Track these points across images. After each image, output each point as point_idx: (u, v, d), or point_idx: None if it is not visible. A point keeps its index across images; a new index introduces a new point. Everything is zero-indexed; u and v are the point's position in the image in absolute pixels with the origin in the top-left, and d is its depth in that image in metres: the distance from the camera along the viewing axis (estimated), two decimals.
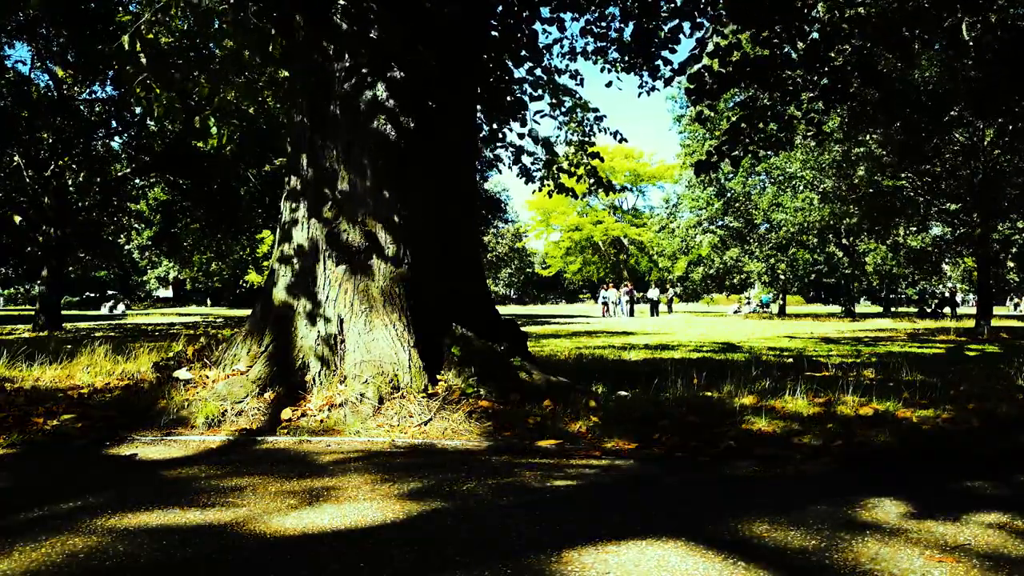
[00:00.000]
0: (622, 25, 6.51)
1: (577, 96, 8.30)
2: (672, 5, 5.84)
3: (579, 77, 8.13)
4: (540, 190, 8.16)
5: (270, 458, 3.39)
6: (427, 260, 4.71)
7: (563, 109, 8.27)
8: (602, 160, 7.92)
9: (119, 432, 3.88)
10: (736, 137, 6.20)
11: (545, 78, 7.70)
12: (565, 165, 8.03)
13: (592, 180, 7.64)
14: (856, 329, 18.15)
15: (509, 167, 7.94)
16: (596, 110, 8.42)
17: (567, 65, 7.92)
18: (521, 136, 7.63)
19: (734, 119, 6.30)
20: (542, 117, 7.86)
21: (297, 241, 4.70)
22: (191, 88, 5.52)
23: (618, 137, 8.43)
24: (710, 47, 5.95)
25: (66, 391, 4.84)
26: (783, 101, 5.96)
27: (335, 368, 4.35)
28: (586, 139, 7.93)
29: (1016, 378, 5.75)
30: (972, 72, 12.77)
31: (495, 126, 7.39)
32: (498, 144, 7.70)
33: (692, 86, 5.81)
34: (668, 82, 6.28)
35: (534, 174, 8.08)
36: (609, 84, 7.45)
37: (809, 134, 6.24)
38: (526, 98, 7.44)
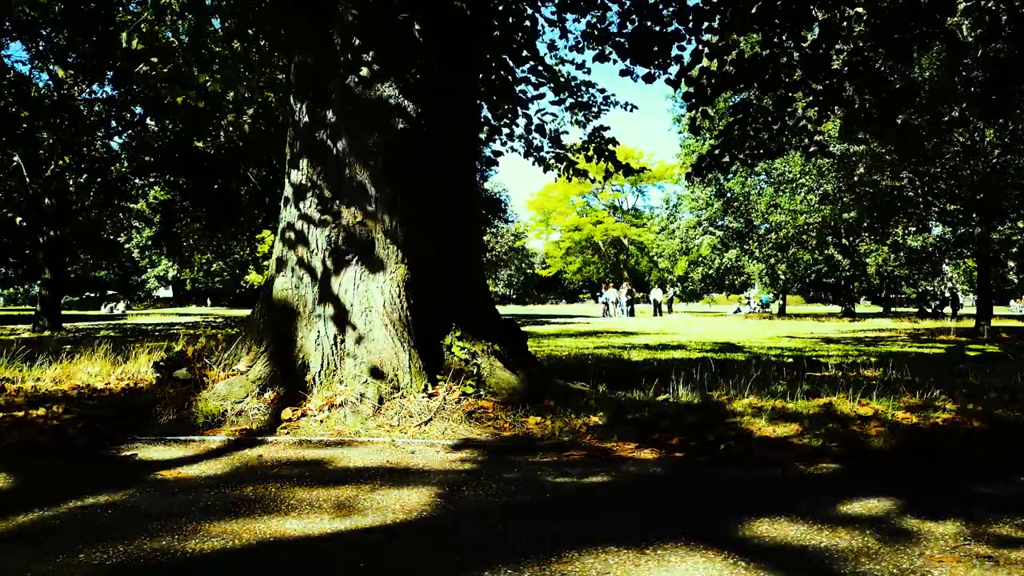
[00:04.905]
0: (621, 28, 6.48)
1: (579, 90, 8.30)
2: (671, 8, 5.82)
3: (584, 65, 8.15)
4: (559, 177, 8.23)
5: (269, 459, 3.39)
6: (427, 260, 4.71)
7: (567, 105, 8.32)
8: (617, 144, 7.89)
9: (119, 432, 3.88)
10: (729, 144, 6.18)
11: (548, 75, 7.72)
12: (581, 160, 8.04)
13: (609, 162, 7.62)
14: (856, 329, 18.16)
15: (524, 157, 8.03)
16: (603, 90, 8.41)
17: (573, 58, 7.95)
18: (528, 131, 7.66)
19: (726, 124, 6.27)
20: (545, 115, 7.86)
21: (297, 241, 4.70)
22: (202, 80, 5.52)
23: (629, 107, 8.47)
24: (708, 49, 5.93)
25: (66, 391, 4.83)
26: (779, 106, 5.93)
27: (335, 368, 4.35)
28: (599, 127, 7.88)
29: (1016, 378, 5.75)
30: (973, 73, 12.78)
31: (497, 123, 7.40)
32: (505, 138, 7.74)
33: (690, 90, 5.78)
34: (676, 85, 6.20)
35: (549, 162, 8.16)
36: (624, 73, 7.33)
37: (802, 144, 6.20)
38: (529, 94, 7.47)
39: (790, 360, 8.14)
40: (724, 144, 6.23)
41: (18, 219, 16.40)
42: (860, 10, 5.56)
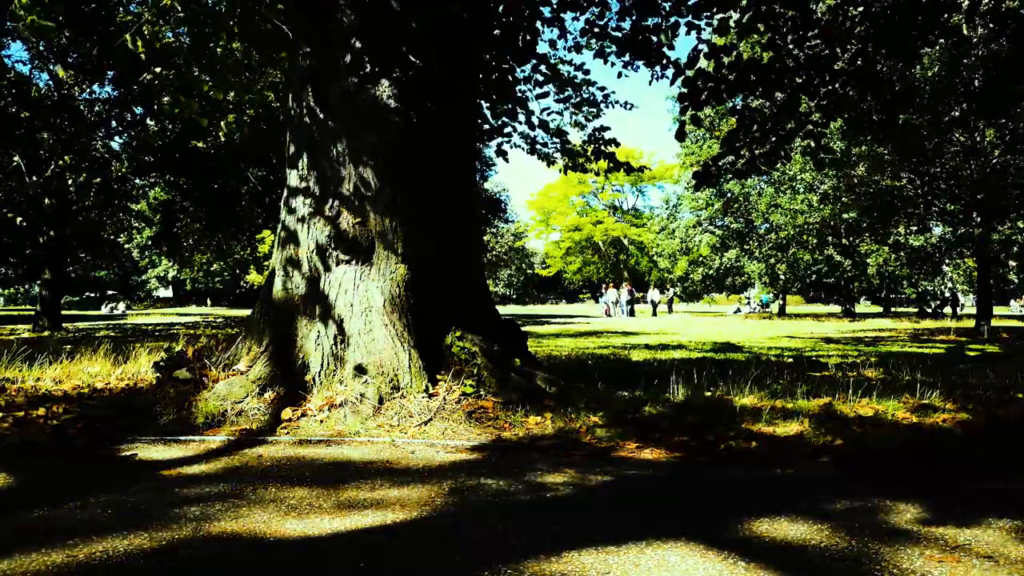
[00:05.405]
0: (620, 23, 6.48)
1: (581, 86, 8.36)
2: (670, 3, 5.79)
3: (584, 67, 8.23)
4: (562, 171, 8.33)
5: (269, 458, 3.39)
6: (427, 260, 4.71)
7: (571, 103, 8.39)
8: (618, 145, 7.95)
9: (119, 432, 3.88)
10: (734, 151, 6.13)
11: (550, 73, 7.75)
12: (581, 160, 8.11)
13: (609, 163, 7.67)
14: (856, 329, 18.15)
15: (528, 154, 8.12)
16: (603, 88, 8.52)
17: (572, 59, 8.00)
18: (532, 127, 7.70)
19: (729, 131, 6.23)
20: (550, 113, 7.90)
21: (297, 241, 4.70)
22: (205, 88, 5.54)
23: (628, 106, 8.61)
24: (707, 48, 5.91)
25: (66, 391, 4.84)
26: (783, 111, 5.88)
27: (335, 368, 4.35)
28: (599, 127, 7.94)
29: (1016, 378, 5.75)
30: (974, 74, 12.79)
31: (498, 122, 7.42)
32: (507, 136, 7.78)
33: (685, 92, 5.73)
34: (673, 81, 6.17)
35: (553, 158, 8.24)
36: (620, 75, 7.42)
37: (809, 148, 6.14)
38: (531, 94, 7.51)
39: (790, 360, 8.14)
40: (730, 151, 6.19)
41: (18, 219, 16.40)
42: (862, 9, 5.54)
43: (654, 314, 29.81)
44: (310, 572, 2.05)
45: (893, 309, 35.12)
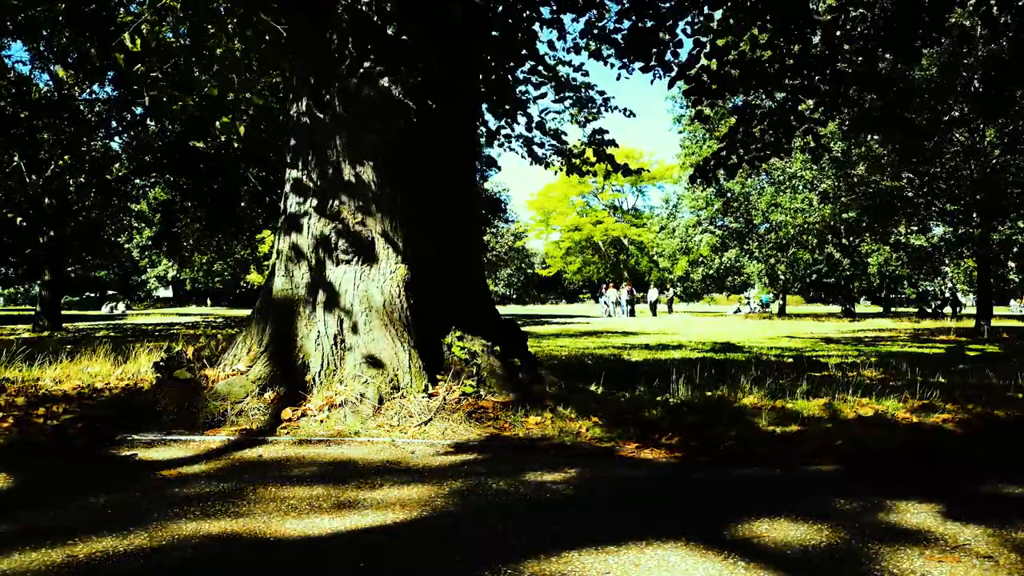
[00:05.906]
0: (618, 24, 6.48)
1: (580, 87, 8.35)
2: (668, 3, 5.80)
3: (583, 68, 8.23)
4: (560, 172, 8.29)
5: (269, 458, 3.39)
6: (427, 260, 4.71)
7: (568, 103, 8.37)
8: (617, 146, 7.91)
9: (119, 432, 3.88)
10: (733, 146, 6.15)
11: (549, 74, 7.75)
12: (578, 162, 8.09)
13: (608, 165, 7.66)
14: (856, 329, 18.15)
15: (523, 157, 8.07)
16: (603, 92, 8.51)
17: (571, 59, 7.94)
18: (529, 129, 7.69)
19: (730, 127, 6.25)
20: (547, 113, 7.89)
21: (297, 240, 4.70)
22: (203, 86, 5.53)
23: (627, 113, 8.59)
24: (709, 48, 5.91)
25: (66, 391, 4.84)
26: (783, 108, 5.89)
27: (335, 368, 4.35)
28: (598, 129, 7.92)
29: (1016, 378, 5.75)
30: (974, 74, 12.79)
31: (499, 124, 7.43)
32: (504, 139, 7.76)
33: (691, 87, 5.77)
34: (672, 83, 6.18)
35: (550, 160, 8.20)
36: (619, 78, 7.46)
37: (808, 146, 6.15)
38: (530, 94, 7.49)
39: (790, 360, 8.14)
40: (729, 146, 6.20)
41: (18, 219, 16.42)
42: (863, 11, 5.54)
43: (654, 314, 29.83)
44: (310, 572, 2.05)
45: (893, 309, 35.13)
